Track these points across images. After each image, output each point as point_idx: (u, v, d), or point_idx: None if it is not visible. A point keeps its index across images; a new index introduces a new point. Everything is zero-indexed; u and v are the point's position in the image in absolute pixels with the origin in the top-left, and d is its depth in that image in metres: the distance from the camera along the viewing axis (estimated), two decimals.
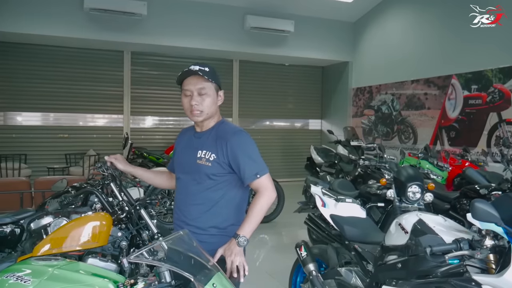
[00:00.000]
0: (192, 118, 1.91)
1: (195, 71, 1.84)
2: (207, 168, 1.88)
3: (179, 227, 1.94)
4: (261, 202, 1.84)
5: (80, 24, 7.43)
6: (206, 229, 1.91)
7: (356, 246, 2.55)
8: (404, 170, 3.85)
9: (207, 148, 1.90)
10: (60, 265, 1.48)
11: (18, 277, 1.37)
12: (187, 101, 1.88)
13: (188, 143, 2.00)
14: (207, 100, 1.87)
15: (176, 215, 2.02)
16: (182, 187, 1.98)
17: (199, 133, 1.97)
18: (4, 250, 3.39)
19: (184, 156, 1.98)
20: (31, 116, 8.40)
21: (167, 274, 1.34)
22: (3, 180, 5.05)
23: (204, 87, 1.85)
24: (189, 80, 1.87)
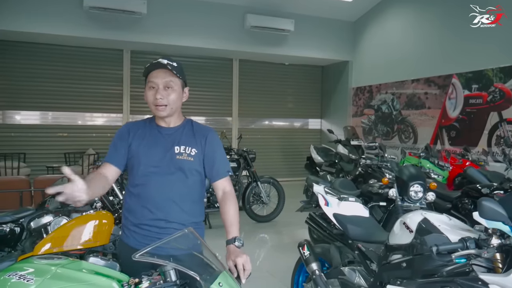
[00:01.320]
0: (156, 112, 1.84)
1: (163, 64, 1.79)
2: (190, 163, 1.86)
3: (154, 226, 1.82)
4: (236, 204, 1.89)
5: (80, 23, 7.39)
6: (187, 225, 1.84)
7: (359, 245, 2.53)
8: (406, 169, 3.83)
9: (185, 143, 1.87)
10: (63, 263, 1.46)
11: (20, 276, 1.34)
12: (151, 94, 1.82)
13: (153, 138, 1.88)
14: (172, 94, 1.82)
15: (145, 213, 1.83)
16: (158, 184, 1.83)
17: (167, 129, 1.90)
18: (4, 249, 3.36)
19: (154, 152, 1.85)
20: (30, 115, 8.36)
21: (173, 273, 1.32)
22: (2, 179, 5.02)
23: (171, 80, 1.82)
24: (155, 73, 1.81)
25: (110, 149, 1.91)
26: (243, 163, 6.17)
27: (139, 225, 1.84)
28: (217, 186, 1.92)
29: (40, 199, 4.34)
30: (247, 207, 5.91)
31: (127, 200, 1.92)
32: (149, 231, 1.82)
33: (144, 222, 1.83)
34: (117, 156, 1.88)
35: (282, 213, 6.18)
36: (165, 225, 1.82)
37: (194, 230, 1.49)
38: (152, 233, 1.82)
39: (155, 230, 1.82)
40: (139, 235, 1.84)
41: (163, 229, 1.83)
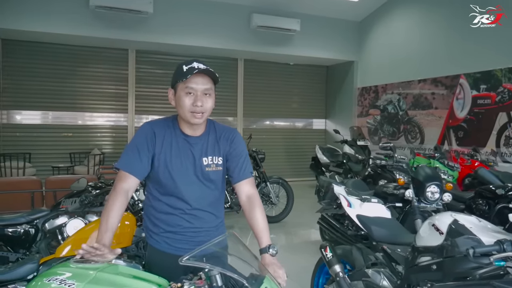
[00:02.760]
0: (193, 120, 1.72)
1: (204, 70, 1.70)
2: (218, 173, 1.84)
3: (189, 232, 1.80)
4: (263, 208, 1.84)
5: (86, 22, 7.35)
6: (217, 225, 1.91)
7: (384, 247, 2.50)
8: (422, 170, 3.81)
9: (212, 153, 1.82)
10: (101, 268, 1.42)
11: (61, 281, 1.30)
12: (188, 100, 1.70)
13: (182, 149, 1.78)
14: (210, 102, 1.75)
15: (181, 223, 1.78)
16: (191, 195, 1.78)
17: (193, 138, 1.80)
18: (19, 251, 3.32)
19: (185, 164, 1.77)
20: (35, 114, 8.31)
21: (219, 277, 1.29)
22: (13, 179, 4.97)
23: (210, 88, 1.74)
24: (195, 79, 1.70)
25: (129, 154, 1.75)
26: (253, 163, 6.13)
27: (174, 232, 1.80)
28: (241, 188, 1.86)
29: (51, 199, 4.31)
30: None
31: (156, 207, 1.83)
32: (183, 235, 1.81)
33: (179, 230, 1.81)
34: (140, 166, 1.73)
35: (291, 214, 6.14)
36: (199, 230, 1.83)
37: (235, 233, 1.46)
38: (187, 237, 1.81)
39: (189, 235, 1.82)
40: (172, 240, 1.81)
41: (196, 233, 1.83)
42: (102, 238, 1.58)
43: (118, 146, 8.73)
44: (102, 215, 1.66)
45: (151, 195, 1.85)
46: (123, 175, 1.73)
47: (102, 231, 1.61)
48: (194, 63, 1.74)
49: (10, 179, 5.08)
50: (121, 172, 1.74)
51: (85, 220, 3.20)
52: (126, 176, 1.73)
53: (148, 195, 1.87)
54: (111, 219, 1.64)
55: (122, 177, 1.73)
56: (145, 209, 1.92)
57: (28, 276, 2.27)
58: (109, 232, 1.61)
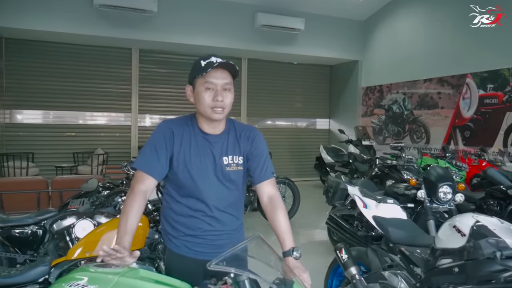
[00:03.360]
0: (213, 115, 1.66)
1: (224, 63, 1.65)
2: (239, 173, 1.78)
3: (210, 235, 1.75)
4: (285, 210, 1.78)
5: (90, 21, 7.30)
6: (237, 228, 1.86)
7: (402, 249, 2.45)
8: (434, 170, 3.77)
9: (232, 152, 1.77)
10: (122, 272, 1.37)
11: (82, 286, 1.25)
12: (208, 96, 1.65)
13: (202, 148, 1.72)
14: (230, 97, 1.70)
15: (201, 225, 1.73)
16: (212, 196, 1.73)
17: (212, 136, 1.74)
18: (26, 252, 3.28)
19: (204, 164, 1.72)
20: (38, 114, 8.26)
21: (247, 282, 1.24)
22: (20, 179, 4.92)
23: (230, 82, 1.69)
24: (214, 73, 1.65)
25: (147, 154, 1.69)
26: None
27: (194, 235, 1.74)
28: (262, 189, 1.80)
29: (57, 200, 4.26)
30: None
31: (173, 210, 1.77)
32: (203, 239, 1.75)
33: (199, 233, 1.75)
34: (159, 166, 1.67)
35: (297, 214, 6.09)
36: (220, 233, 1.77)
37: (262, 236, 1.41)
38: (207, 240, 1.75)
39: (210, 238, 1.76)
40: (192, 243, 1.75)
41: (217, 236, 1.77)
42: (122, 241, 1.53)
43: (121, 146, 8.68)
44: (121, 217, 1.61)
45: (169, 197, 1.79)
46: (141, 176, 1.68)
47: (121, 234, 1.56)
48: (212, 58, 1.68)
49: (16, 179, 5.03)
50: (139, 173, 1.69)
51: (94, 221, 3.15)
52: (144, 177, 1.67)
53: (167, 197, 1.81)
54: (130, 221, 1.59)
55: (140, 178, 1.67)
56: (163, 212, 1.85)
57: (40, 278, 2.23)
58: (128, 235, 1.56)
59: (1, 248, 3.19)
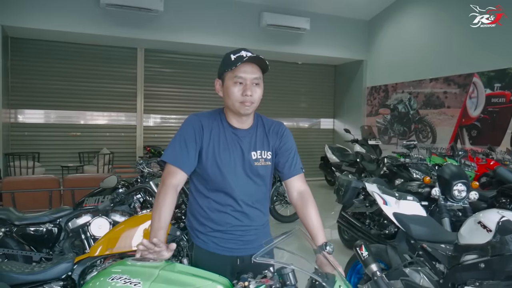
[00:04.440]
0: (242, 110, 1.66)
1: (254, 57, 1.62)
2: (267, 168, 1.77)
3: (238, 230, 1.74)
4: (315, 205, 1.76)
5: (96, 20, 7.30)
6: (264, 224, 1.85)
7: (424, 246, 2.44)
8: (448, 168, 3.77)
9: (260, 147, 1.76)
10: (161, 266, 1.36)
11: (125, 280, 1.25)
12: (237, 90, 1.64)
13: (231, 143, 1.72)
14: (259, 91, 1.68)
15: (229, 220, 1.72)
16: (240, 191, 1.72)
17: (241, 131, 1.73)
18: (42, 250, 3.28)
19: (233, 158, 1.71)
20: (43, 114, 8.25)
21: (292, 275, 1.23)
22: (32, 178, 4.91)
23: (259, 77, 1.68)
24: (243, 68, 1.63)
25: (176, 147, 1.67)
26: None
27: (222, 231, 1.73)
28: (291, 184, 1.80)
29: (69, 198, 4.25)
30: (270, 207, 5.82)
31: (201, 206, 1.75)
32: (232, 234, 1.73)
33: (228, 229, 1.73)
34: (188, 160, 1.66)
35: None
36: (248, 228, 1.76)
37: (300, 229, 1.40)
38: (235, 236, 1.74)
39: (238, 234, 1.74)
40: (221, 239, 1.73)
41: (246, 231, 1.76)
42: (156, 235, 1.52)
43: (126, 146, 8.67)
44: (153, 212, 1.60)
45: (197, 192, 1.76)
46: (171, 169, 1.66)
47: (155, 228, 1.55)
48: (242, 52, 1.67)
49: (28, 178, 5.02)
50: (169, 167, 1.67)
51: (109, 219, 3.14)
52: (174, 171, 1.66)
53: (194, 193, 1.78)
54: (163, 216, 1.58)
55: (170, 172, 1.66)
56: (189, 208, 1.83)
57: (63, 275, 2.22)
58: (162, 229, 1.55)
59: (16, 246, 3.19)
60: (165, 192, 1.62)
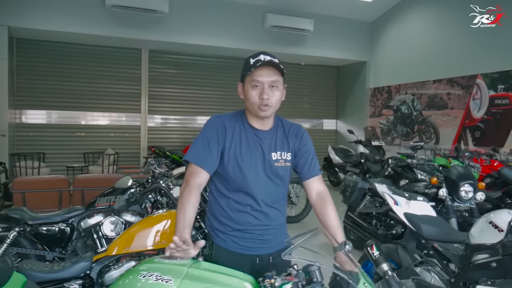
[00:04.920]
0: (260, 113, 1.71)
1: (269, 61, 1.67)
2: (286, 169, 1.82)
3: (257, 230, 1.78)
4: (334, 205, 1.80)
5: (101, 21, 7.34)
6: (282, 223, 1.88)
7: (435, 245, 2.49)
8: (455, 169, 3.81)
9: (281, 148, 1.80)
10: (189, 264, 1.41)
11: (157, 277, 1.29)
12: (255, 93, 1.69)
13: (252, 143, 1.76)
14: (277, 94, 1.72)
15: (249, 219, 1.76)
16: (260, 191, 1.76)
17: (262, 132, 1.78)
18: (55, 249, 3.32)
19: (254, 159, 1.75)
20: (48, 114, 8.28)
21: (318, 272, 1.28)
22: (42, 178, 4.95)
23: (277, 80, 1.71)
24: (260, 71, 1.67)
25: (200, 148, 1.71)
26: None
27: (242, 230, 1.77)
28: (310, 185, 1.84)
29: (79, 198, 4.29)
30: None
31: (221, 206, 1.79)
32: (252, 233, 1.77)
33: (248, 228, 1.77)
34: (211, 159, 1.70)
35: (311, 214, 6.12)
36: (267, 228, 1.80)
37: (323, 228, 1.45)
38: (255, 235, 1.78)
39: (257, 233, 1.78)
40: (241, 238, 1.77)
41: (265, 230, 1.80)
42: (182, 234, 1.55)
43: (131, 146, 8.71)
44: (178, 211, 1.63)
45: (217, 192, 1.80)
46: (195, 169, 1.70)
47: (180, 227, 1.58)
48: (260, 56, 1.71)
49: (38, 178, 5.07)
50: (193, 167, 1.71)
51: (121, 219, 3.19)
52: (198, 171, 1.70)
53: (214, 193, 1.82)
54: (188, 214, 1.62)
55: (194, 172, 1.70)
56: (209, 208, 1.87)
57: (82, 273, 2.26)
58: (187, 228, 1.59)
59: (30, 245, 3.23)
60: (189, 191, 1.66)
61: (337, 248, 1.65)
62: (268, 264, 1.78)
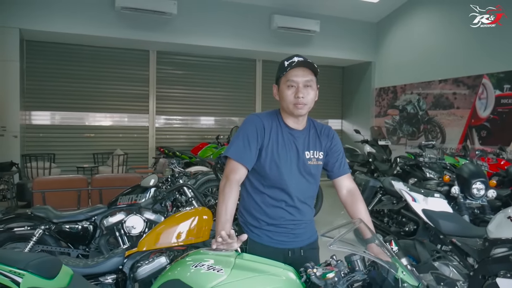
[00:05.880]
0: (296, 111, 1.80)
1: (303, 62, 1.76)
2: (318, 168, 1.90)
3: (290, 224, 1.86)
4: (364, 202, 1.90)
5: (110, 23, 7.43)
6: (311, 220, 1.97)
7: (454, 240, 2.57)
8: (467, 167, 3.89)
9: (314, 147, 1.89)
10: (233, 255, 1.49)
11: (208, 266, 1.37)
12: (291, 93, 1.78)
13: (288, 142, 1.85)
14: (311, 93, 1.80)
15: (283, 214, 1.84)
16: (294, 188, 1.84)
17: (296, 131, 1.87)
18: (78, 247, 3.40)
19: (290, 157, 1.83)
20: (58, 115, 8.37)
21: (360, 262, 1.36)
22: (61, 178, 5.04)
23: (311, 79, 1.80)
24: (295, 72, 1.77)
25: (239, 144, 1.79)
26: None
27: (276, 225, 1.85)
28: (341, 183, 1.93)
29: (97, 197, 4.37)
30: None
31: (256, 201, 1.86)
32: (285, 228, 1.86)
33: (281, 223, 1.85)
34: (250, 156, 1.78)
35: (321, 212, 6.20)
36: (299, 222, 1.88)
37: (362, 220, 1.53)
38: (287, 229, 1.86)
39: (290, 227, 1.87)
40: (274, 233, 1.85)
41: (297, 225, 1.88)
42: (224, 227, 1.63)
43: (139, 147, 8.80)
44: (220, 206, 1.70)
45: (252, 188, 1.88)
46: (234, 165, 1.77)
47: (222, 221, 1.66)
48: (294, 58, 1.80)
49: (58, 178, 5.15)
50: (232, 162, 1.78)
51: (143, 217, 3.27)
52: (238, 167, 1.77)
53: (249, 189, 1.89)
54: (229, 209, 1.69)
55: (234, 168, 1.77)
56: (243, 204, 1.93)
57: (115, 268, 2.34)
58: (229, 222, 1.66)
59: (54, 243, 3.31)
60: (230, 186, 1.73)
61: (370, 239, 1.72)
62: (299, 257, 1.87)
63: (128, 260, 2.37)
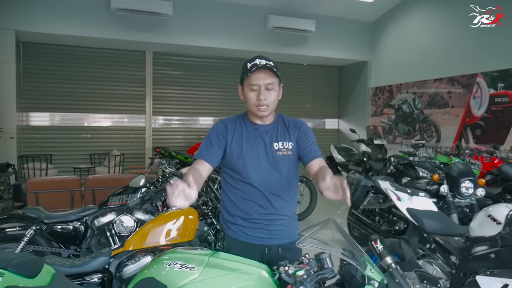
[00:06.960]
0: (258, 113, 1.88)
1: (264, 65, 1.82)
2: (289, 157, 1.93)
3: (264, 219, 1.89)
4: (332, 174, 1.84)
5: (106, 24, 7.47)
6: (290, 215, 1.99)
7: (437, 239, 2.60)
8: (456, 166, 3.92)
9: (282, 138, 1.94)
10: (208, 253, 1.53)
11: (181, 265, 1.40)
12: (253, 95, 1.85)
13: (253, 137, 1.92)
14: (273, 95, 1.87)
15: (256, 208, 1.89)
16: (264, 181, 1.88)
17: (263, 126, 1.94)
18: (70, 247, 3.43)
19: (256, 150, 1.90)
20: (54, 116, 8.42)
21: (329, 260, 1.39)
22: (54, 179, 5.08)
23: (272, 82, 1.85)
24: (256, 75, 1.83)
25: (203, 146, 1.93)
26: None
27: (249, 220, 1.90)
28: (313, 164, 1.87)
29: (90, 198, 4.41)
30: None
31: (230, 197, 1.95)
32: (259, 223, 1.90)
33: (254, 217, 1.90)
34: (212, 153, 1.89)
35: (315, 212, 6.24)
36: (274, 218, 1.92)
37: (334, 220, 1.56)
38: (261, 225, 1.91)
39: (264, 223, 1.91)
40: (249, 228, 1.91)
41: (272, 220, 1.92)
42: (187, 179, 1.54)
43: (136, 147, 8.84)
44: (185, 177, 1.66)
45: (226, 185, 1.97)
46: (197, 161, 1.89)
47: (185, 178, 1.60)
48: (256, 60, 1.86)
49: (51, 179, 5.19)
50: (196, 160, 1.90)
51: (133, 217, 3.30)
52: (199, 161, 1.87)
53: (224, 187, 1.99)
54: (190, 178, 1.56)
55: (196, 162, 1.88)
56: (221, 202, 2.02)
57: (101, 268, 2.38)
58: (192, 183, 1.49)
59: (46, 243, 3.35)
60: (190, 170, 1.80)
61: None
62: (277, 255, 1.90)
63: (114, 260, 2.40)
